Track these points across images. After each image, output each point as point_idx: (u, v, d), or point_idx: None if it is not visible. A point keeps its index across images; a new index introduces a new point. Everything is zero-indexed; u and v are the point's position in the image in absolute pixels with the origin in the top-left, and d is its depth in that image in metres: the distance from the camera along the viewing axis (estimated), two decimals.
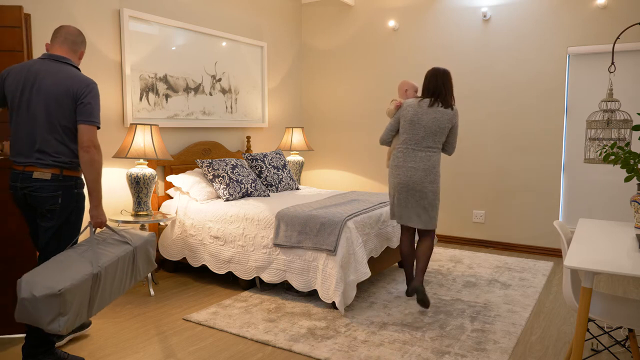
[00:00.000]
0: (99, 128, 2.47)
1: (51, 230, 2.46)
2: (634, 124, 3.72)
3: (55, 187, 2.43)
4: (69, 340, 2.85)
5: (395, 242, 3.87)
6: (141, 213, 3.71)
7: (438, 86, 3.35)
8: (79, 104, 2.41)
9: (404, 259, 3.57)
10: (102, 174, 3.86)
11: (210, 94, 4.82)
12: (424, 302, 3.24)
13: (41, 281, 2.16)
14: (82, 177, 2.55)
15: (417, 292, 3.27)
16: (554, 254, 4.82)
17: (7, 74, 2.47)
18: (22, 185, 2.42)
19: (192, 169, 4.52)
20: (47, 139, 2.41)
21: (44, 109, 2.40)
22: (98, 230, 2.65)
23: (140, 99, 4.15)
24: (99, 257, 2.36)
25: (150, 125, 3.72)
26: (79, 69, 2.55)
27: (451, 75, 3.42)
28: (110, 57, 3.91)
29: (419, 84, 5.42)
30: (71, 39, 2.55)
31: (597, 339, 2.37)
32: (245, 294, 3.66)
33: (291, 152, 5.49)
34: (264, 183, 4.59)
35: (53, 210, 2.44)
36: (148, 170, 3.70)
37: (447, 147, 3.46)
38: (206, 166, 4.19)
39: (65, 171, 2.45)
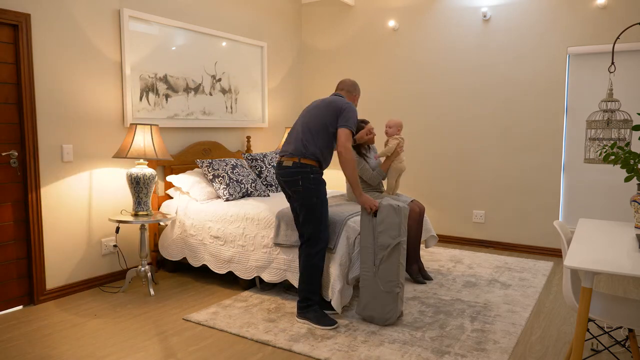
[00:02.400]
0: (352, 132, 3.08)
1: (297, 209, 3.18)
2: (634, 124, 3.72)
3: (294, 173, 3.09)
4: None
5: None
6: (141, 213, 3.71)
7: None
8: (339, 117, 3.09)
9: None
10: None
11: (210, 94, 4.82)
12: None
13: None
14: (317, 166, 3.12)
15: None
16: (554, 254, 4.82)
17: None
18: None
19: (192, 169, 4.52)
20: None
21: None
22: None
23: (140, 99, 4.15)
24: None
25: (150, 125, 3.72)
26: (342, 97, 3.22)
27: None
28: (110, 57, 3.91)
29: (420, 86, 5.43)
30: (347, 88, 3.33)
31: (597, 339, 2.37)
32: (245, 294, 3.66)
33: None
34: (264, 183, 4.59)
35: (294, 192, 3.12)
36: (148, 170, 3.70)
37: None
38: (206, 166, 4.19)
39: (302, 159, 3.08)
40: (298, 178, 3.05)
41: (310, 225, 3.08)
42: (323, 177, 3.17)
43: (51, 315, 3.27)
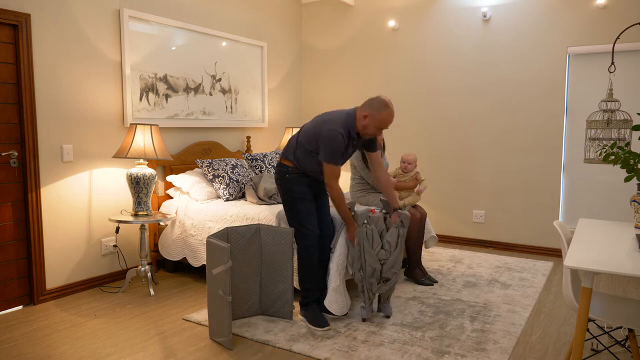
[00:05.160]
0: (335, 165, 2.99)
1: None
2: (634, 124, 3.72)
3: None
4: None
5: None
6: (141, 213, 3.71)
7: None
8: (319, 145, 3.00)
9: None
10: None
11: (210, 94, 4.82)
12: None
13: None
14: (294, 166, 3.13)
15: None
16: (554, 254, 4.82)
17: None
18: None
19: (192, 169, 4.52)
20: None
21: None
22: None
23: (140, 99, 4.15)
24: None
25: (150, 125, 3.72)
26: (349, 114, 3.01)
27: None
28: (110, 57, 3.91)
29: (420, 86, 5.43)
30: (365, 102, 3.02)
31: (597, 339, 2.37)
32: None
33: None
34: None
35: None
36: (148, 170, 3.70)
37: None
38: (206, 166, 4.19)
39: (283, 160, 3.17)
40: (278, 177, 3.18)
41: (290, 221, 3.16)
42: (305, 177, 3.13)
43: (51, 315, 3.28)
